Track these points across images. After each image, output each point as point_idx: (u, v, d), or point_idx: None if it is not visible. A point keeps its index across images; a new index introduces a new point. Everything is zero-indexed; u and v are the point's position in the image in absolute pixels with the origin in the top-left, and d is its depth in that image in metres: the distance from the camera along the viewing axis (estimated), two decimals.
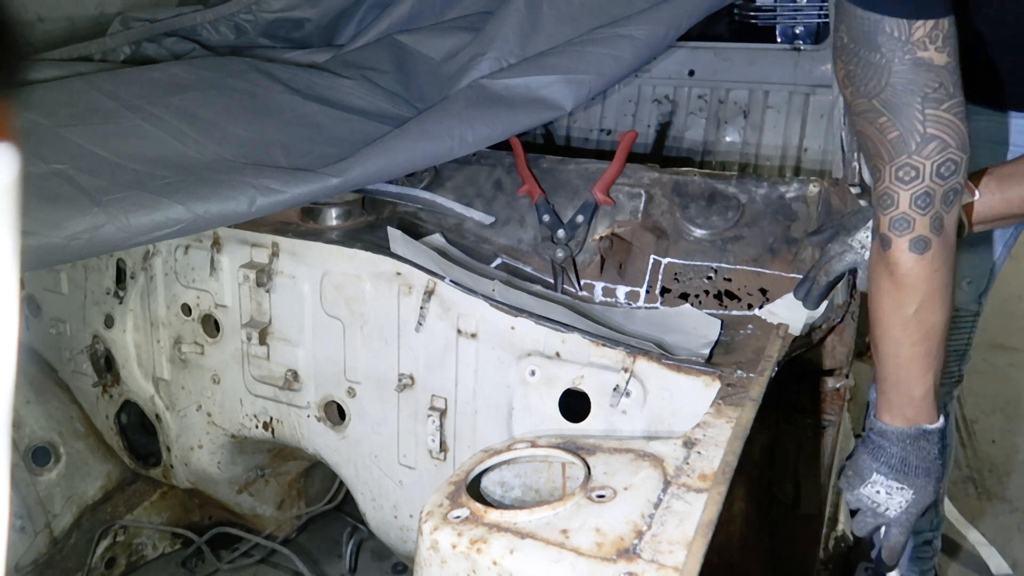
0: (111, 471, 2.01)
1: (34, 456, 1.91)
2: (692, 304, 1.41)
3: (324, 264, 1.52)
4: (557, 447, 1.00)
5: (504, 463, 1.02)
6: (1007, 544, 2.28)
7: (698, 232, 1.46)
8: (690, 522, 0.83)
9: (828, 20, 1.63)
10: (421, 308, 1.41)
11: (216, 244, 1.64)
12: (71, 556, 1.92)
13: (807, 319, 1.30)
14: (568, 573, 0.80)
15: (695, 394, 1.14)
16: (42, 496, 1.90)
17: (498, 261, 1.58)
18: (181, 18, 1.99)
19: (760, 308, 1.38)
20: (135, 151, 1.42)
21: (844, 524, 2.11)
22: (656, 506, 0.86)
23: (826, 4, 1.73)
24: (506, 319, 1.32)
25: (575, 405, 1.27)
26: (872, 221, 1.10)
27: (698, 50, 2.31)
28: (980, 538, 2.27)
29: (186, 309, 1.72)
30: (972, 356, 1.84)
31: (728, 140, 1.97)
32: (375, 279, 1.47)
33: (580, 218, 1.52)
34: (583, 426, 1.26)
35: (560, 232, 1.52)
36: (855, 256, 1.26)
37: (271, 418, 1.68)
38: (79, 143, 1.39)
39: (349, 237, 1.56)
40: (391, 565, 2.13)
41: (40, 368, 2.01)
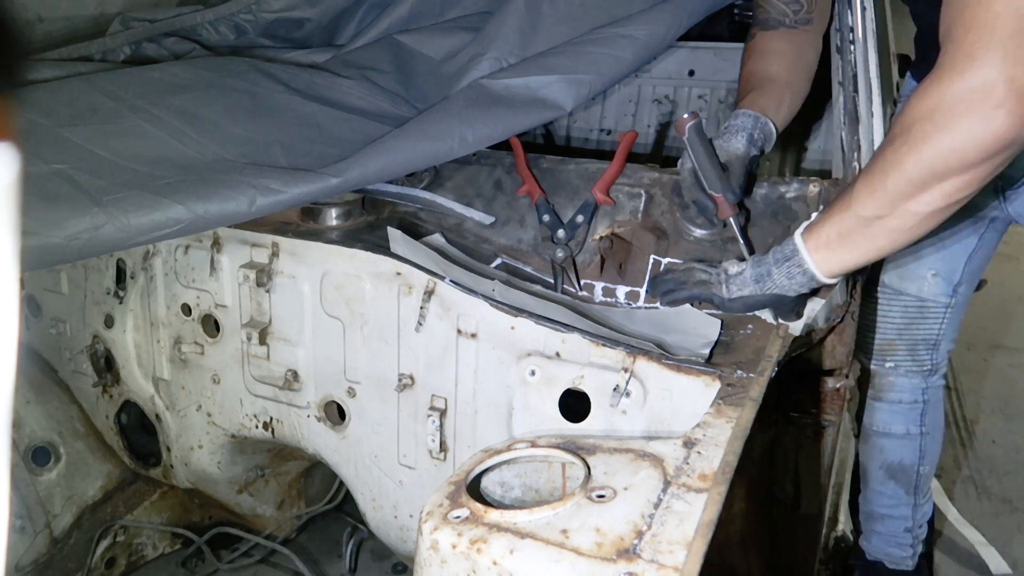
0: (111, 471, 2.01)
1: (34, 456, 1.91)
2: (692, 304, 1.41)
3: (324, 264, 1.52)
4: (557, 447, 1.00)
5: (504, 463, 1.02)
6: (1007, 544, 2.28)
7: (698, 232, 1.46)
8: (690, 522, 0.83)
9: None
10: (421, 308, 1.41)
11: (216, 244, 1.64)
12: (71, 556, 1.92)
13: (807, 319, 1.30)
14: (568, 573, 0.80)
15: (695, 394, 1.14)
16: (42, 496, 1.90)
17: (498, 261, 1.58)
18: (181, 18, 1.99)
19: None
20: (135, 151, 1.42)
21: (844, 524, 2.11)
22: (656, 506, 0.86)
23: None
24: (506, 319, 1.32)
25: (575, 405, 1.27)
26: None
27: (698, 50, 2.32)
28: (980, 538, 2.27)
29: (186, 309, 1.72)
30: (953, 350, 1.85)
31: None
32: (375, 279, 1.47)
33: (580, 218, 1.52)
34: (583, 426, 1.26)
35: (560, 232, 1.52)
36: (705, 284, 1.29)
37: (271, 418, 1.68)
38: (79, 143, 1.39)
39: (349, 237, 1.56)
40: (391, 565, 2.13)
41: (40, 368, 2.01)
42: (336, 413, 1.61)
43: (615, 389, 1.21)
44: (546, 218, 1.54)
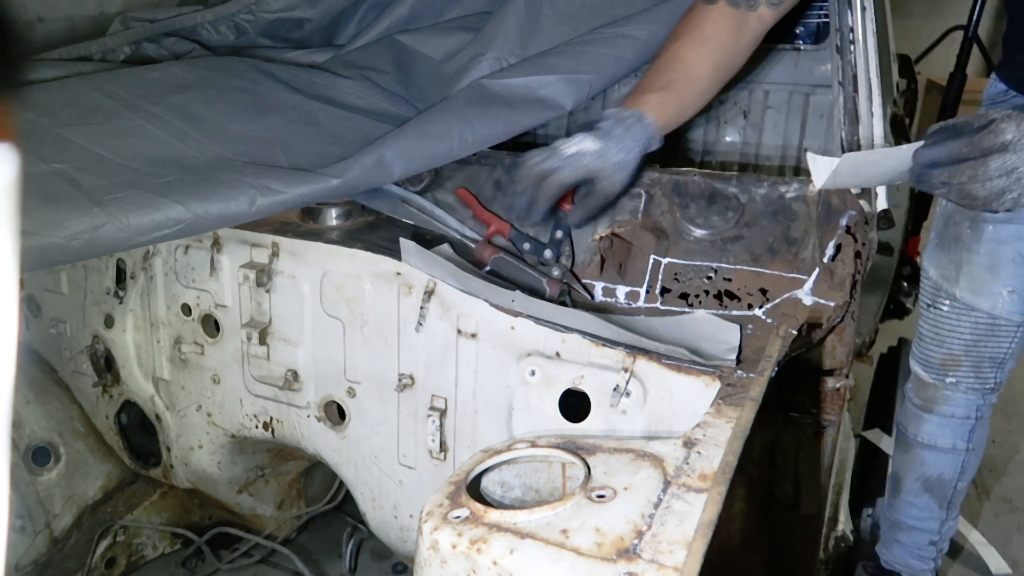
0: (111, 471, 2.01)
1: (34, 456, 1.91)
2: (692, 304, 1.41)
3: (324, 264, 1.52)
4: (557, 447, 1.00)
5: (504, 463, 1.02)
6: (1007, 544, 2.28)
7: (698, 232, 1.46)
8: (690, 522, 0.83)
9: (828, 20, 1.63)
10: (421, 308, 1.41)
11: (216, 244, 1.64)
12: (71, 556, 1.92)
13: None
14: (568, 573, 0.80)
15: (695, 394, 1.14)
16: (42, 496, 1.90)
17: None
18: (181, 18, 1.99)
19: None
20: (135, 151, 1.42)
21: (844, 524, 2.11)
22: (656, 506, 0.86)
23: (826, 4, 1.73)
24: (506, 319, 1.32)
25: (575, 405, 1.27)
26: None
27: None
28: (980, 538, 2.27)
29: (186, 309, 1.72)
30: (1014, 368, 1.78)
31: (728, 140, 1.97)
32: (375, 279, 1.47)
33: (559, 233, 1.52)
34: (583, 426, 1.26)
35: (547, 252, 1.52)
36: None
37: (271, 418, 1.68)
38: (79, 143, 1.39)
39: (349, 237, 1.56)
40: (391, 565, 2.13)
41: (40, 368, 2.01)
42: (336, 413, 1.61)
43: (615, 389, 1.21)
44: (526, 246, 1.54)
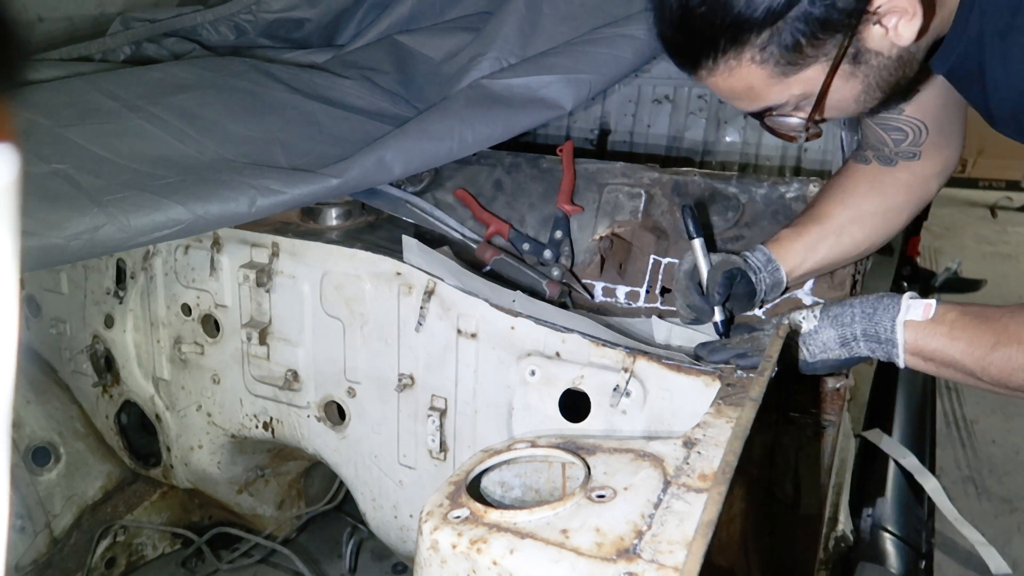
0: (111, 471, 2.01)
1: (34, 456, 1.91)
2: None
3: (324, 264, 1.52)
4: (557, 447, 1.00)
5: (504, 463, 1.02)
6: (1007, 544, 2.28)
7: None
8: (690, 522, 0.83)
9: None
10: (421, 308, 1.41)
11: (216, 244, 1.64)
12: (71, 556, 1.92)
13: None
14: (568, 573, 0.80)
15: (695, 394, 1.14)
16: (42, 496, 1.90)
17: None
18: (181, 18, 1.99)
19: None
20: (135, 151, 1.42)
21: (844, 524, 2.11)
22: (656, 506, 0.86)
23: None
24: (506, 319, 1.32)
25: (575, 405, 1.27)
26: None
27: None
28: (980, 538, 2.27)
29: (186, 309, 1.72)
30: None
31: (728, 140, 1.97)
32: (375, 279, 1.47)
33: (559, 233, 1.53)
34: (583, 426, 1.26)
35: (546, 253, 1.53)
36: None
37: (271, 418, 1.68)
38: (79, 143, 1.39)
39: (349, 237, 1.56)
40: (391, 565, 2.13)
41: (40, 368, 2.02)
42: (336, 413, 1.61)
43: (615, 389, 1.20)
44: (526, 246, 1.55)
